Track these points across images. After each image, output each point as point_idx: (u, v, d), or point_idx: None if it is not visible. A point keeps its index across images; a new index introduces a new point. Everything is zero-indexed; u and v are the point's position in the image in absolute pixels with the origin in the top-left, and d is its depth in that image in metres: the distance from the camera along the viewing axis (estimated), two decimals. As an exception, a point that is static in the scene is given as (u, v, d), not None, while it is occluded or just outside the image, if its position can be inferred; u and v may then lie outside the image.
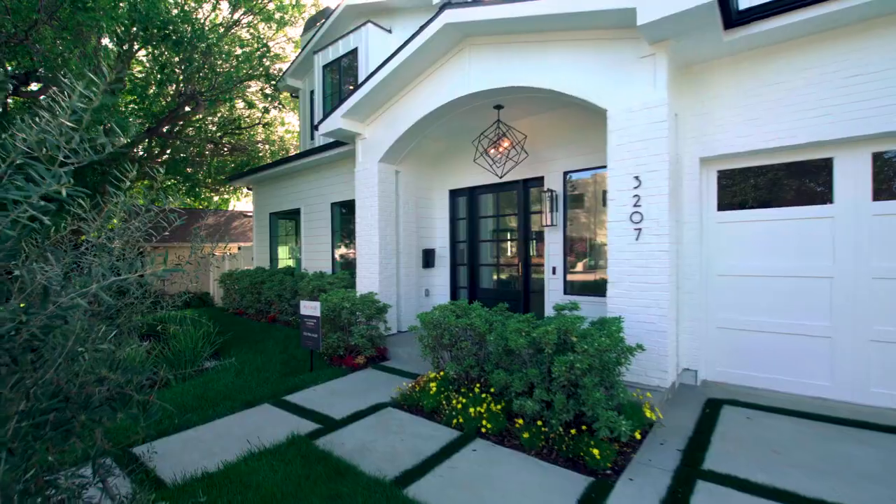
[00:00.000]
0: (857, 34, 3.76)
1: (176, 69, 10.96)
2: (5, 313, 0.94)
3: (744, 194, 4.62)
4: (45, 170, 1.01)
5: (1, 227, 0.92)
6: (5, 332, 0.95)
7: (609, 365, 3.14)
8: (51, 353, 1.10)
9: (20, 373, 1.00)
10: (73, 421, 1.13)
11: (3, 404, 0.94)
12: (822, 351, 4.10)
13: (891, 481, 2.72)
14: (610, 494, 2.68)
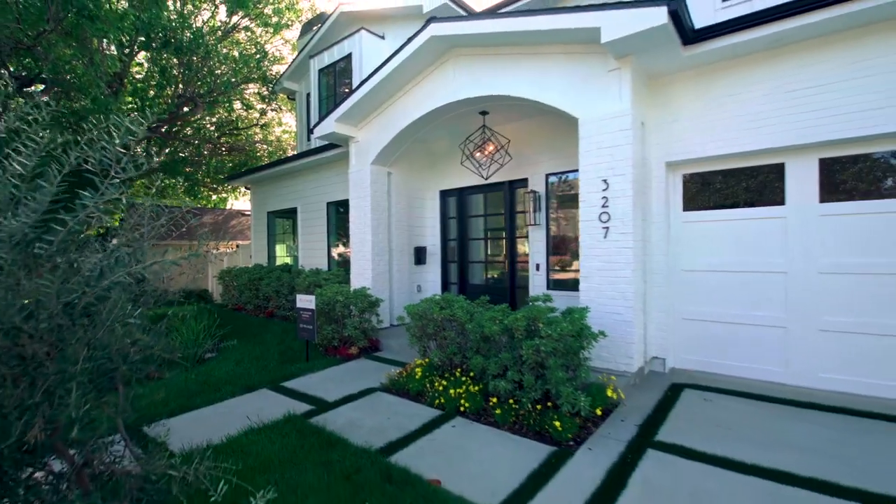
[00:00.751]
0: (804, 52, 4.12)
1: (175, 71, 11.29)
2: (75, 285, 1.28)
3: (707, 196, 5.00)
4: (100, 181, 1.36)
5: (71, 224, 1.26)
6: (74, 298, 1.29)
7: (572, 348, 3.50)
8: (100, 319, 1.45)
9: (81, 331, 1.35)
10: (116, 370, 1.47)
11: (73, 352, 1.28)
12: (777, 340, 4.47)
13: (819, 451, 3.09)
14: (568, 460, 3.04)
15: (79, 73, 5.99)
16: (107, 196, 1.28)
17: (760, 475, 2.81)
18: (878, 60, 3.82)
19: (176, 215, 1.82)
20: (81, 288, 1.30)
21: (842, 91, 3.96)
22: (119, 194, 1.29)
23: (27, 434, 1.36)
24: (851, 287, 4.09)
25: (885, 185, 4.01)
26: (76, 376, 1.28)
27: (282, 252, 11.80)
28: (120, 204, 1.41)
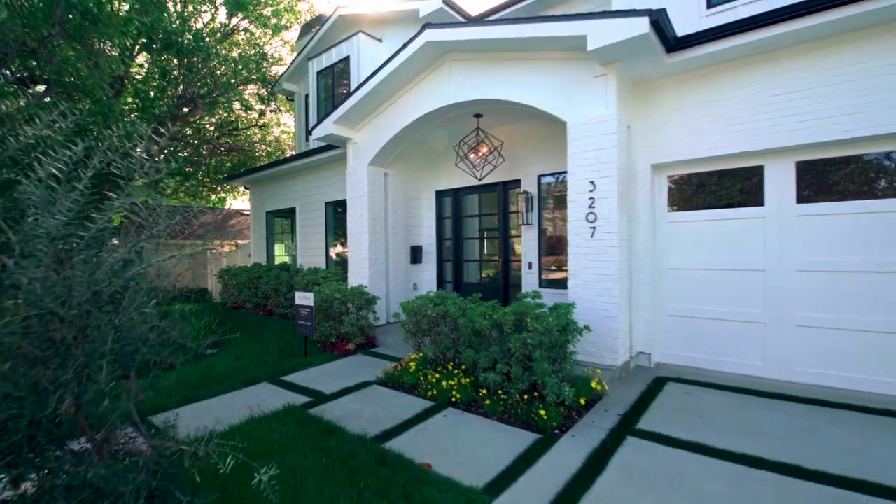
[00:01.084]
0: (781, 59, 4.32)
1: (175, 72, 11.43)
2: (103, 275, 1.46)
3: (691, 197, 5.19)
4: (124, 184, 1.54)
5: (103, 223, 1.44)
6: (102, 287, 1.47)
7: (558, 342, 3.69)
8: (123, 306, 1.63)
9: (107, 316, 1.53)
10: (137, 353, 1.65)
11: (101, 334, 1.46)
12: (757, 335, 4.67)
13: (787, 438, 3.28)
14: (552, 447, 3.23)
15: (83, 75, 6.14)
16: (133, 197, 1.45)
17: (732, 460, 3.00)
18: (849, 68, 4.02)
19: (189, 214, 1.99)
20: (108, 278, 1.47)
21: (817, 97, 4.16)
22: (146, 197, 1.47)
23: (59, 408, 1.54)
24: (826, 285, 4.29)
25: (858, 187, 4.21)
26: (105, 355, 1.46)
27: (280, 251, 11.96)
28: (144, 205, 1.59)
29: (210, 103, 11.57)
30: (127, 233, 1.92)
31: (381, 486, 2.69)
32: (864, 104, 3.93)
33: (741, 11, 5.04)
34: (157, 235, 1.76)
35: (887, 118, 3.84)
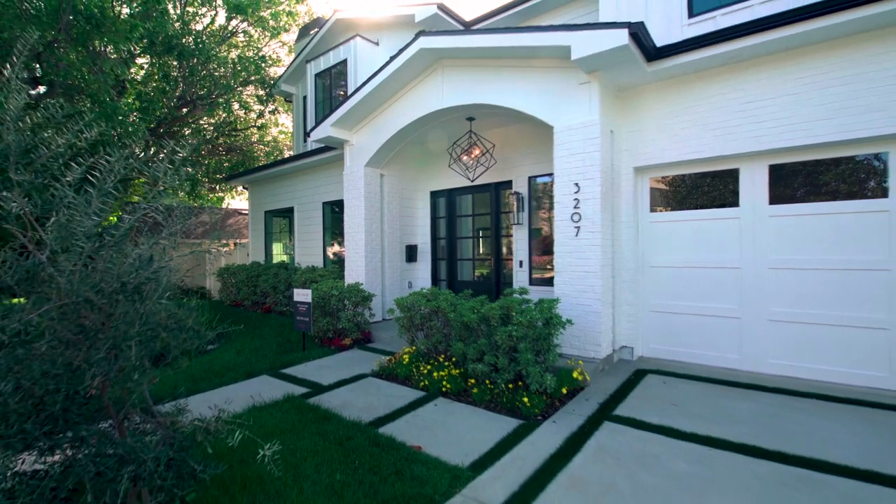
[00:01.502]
0: (754, 68, 4.58)
1: (175, 72, 11.61)
2: (129, 267, 1.69)
3: (672, 198, 5.45)
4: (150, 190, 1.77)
5: (130, 223, 1.67)
6: (129, 279, 1.70)
7: (541, 334, 3.93)
8: (146, 295, 1.86)
9: (134, 303, 1.76)
10: (158, 336, 1.88)
11: (131, 318, 1.69)
12: (732, 329, 4.93)
13: (753, 422, 3.54)
14: (534, 431, 3.47)
15: (89, 79, 6.34)
16: (157, 201, 1.68)
17: (698, 442, 3.25)
18: (817, 77, 4.28)
19: (200, 214, 2.23)
20: (134, 271, 1.71)
21: (786, 104, 4.42)
22: (170, 199, 1.70)
23: (92, 383, 1.77)
24: (796, 281, 4.55)
25: (826, 189, 4.48)
26: (133, 336, 1.69)
27: (278, 250, 12.16)
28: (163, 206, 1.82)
29: (209, 104, 11.76)
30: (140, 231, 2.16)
31: (374, 464, 2.93)
32: (828, 111, 4.19)
33: (720, 21, 5.31)
34: (174, 234, 1.99)
35: (849, 125, 4.11)
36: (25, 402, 1.79)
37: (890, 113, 3.96)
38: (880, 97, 3.99)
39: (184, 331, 2.00)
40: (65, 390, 1.83)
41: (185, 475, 2.09)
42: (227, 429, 2.32)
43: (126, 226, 1.74)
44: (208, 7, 11.60)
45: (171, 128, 13.66)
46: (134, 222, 1.75)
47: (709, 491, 2.62)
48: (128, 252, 1.87)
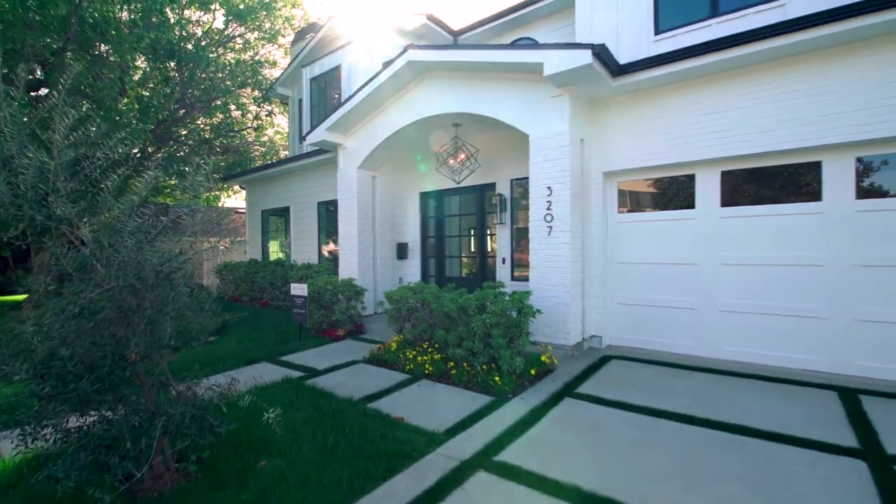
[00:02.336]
0: (707, 84, 5.08)
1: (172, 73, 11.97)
2: (163, 259, 2.15)
3: (638, 200, 5.96)
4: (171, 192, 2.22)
5: (164, 224, 2.13)
6: (162, 269, 2.17)
7: (512, 321, 4.43)
8: (175, 282, 2.32)
9: (166, 288, 2.23)
10: (184, 316, 2.35)
11: (167, 302, 2.15)
12: (690, 319, 5.45)
13: (692, 397, 4.04)
14: (503, 405, 3.96)
15: (97, 85, 6.74)
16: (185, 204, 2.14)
17: (644, 413, 3.75)
18: (760, 94, 4.79)
19: (220, 214, 2.70)
20: (166, 262, 2.17)
21: (736, 117, 4.93)
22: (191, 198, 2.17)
23: (133, 351, 2.23)
24: (745, 276, 5.07)
25: (771, 193, 5.00)
26: (168, 314, 2.15)
27: (275, 248, 12.58)
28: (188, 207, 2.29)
29: (207, 107, 12.15)
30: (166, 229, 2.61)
31: (362, 430, 3.41)
32: (769, 124, 4.71)
33: (682, 39, 5.81)
34: (196, 233, 2.46)
35: (787, 136, 4.63)
36: (79, 366, 2.25)
37: (820, 126, 4.47)
38: (812, 113, 4.50)
39: (203, 311, 2.47)
40: (110, 357, 2.29)
41: (205, 429, 2.56)
42: (237, 393, 2.80)
43: (161, 226, 2.20)
44: (206, 12, 11.98)
45: (168, 129, 14.03)
46: (168, 223, 2.22)
47: (641, 448, 3.12)
48: (159, 247, 2.33)
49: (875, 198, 4.43)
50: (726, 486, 2.64)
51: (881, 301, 4.36)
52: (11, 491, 2.76)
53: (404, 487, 2.68)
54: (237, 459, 3.01)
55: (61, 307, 2.01)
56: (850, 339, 4.50)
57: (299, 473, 2.81)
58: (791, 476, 2.73)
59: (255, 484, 2.71)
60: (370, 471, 2.84)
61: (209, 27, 12.14)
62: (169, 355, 2.69)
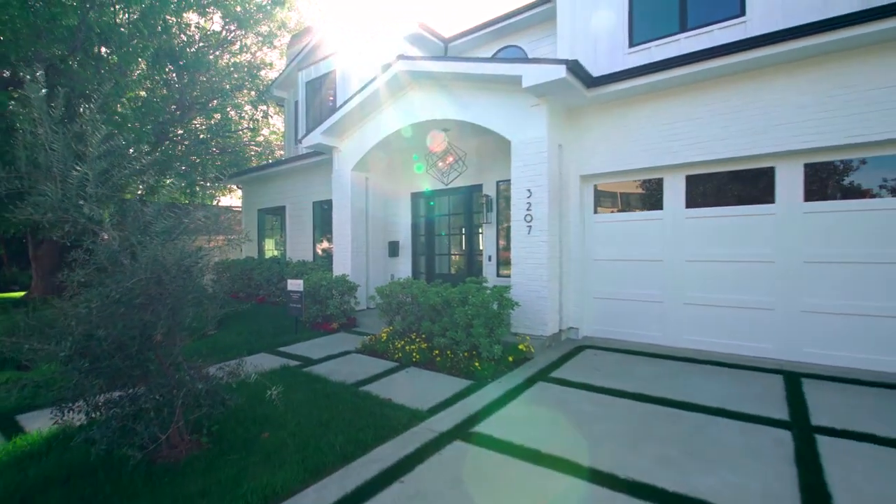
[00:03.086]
0: (672, 96, 5.53)
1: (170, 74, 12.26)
2: (180, 257, 2.55)
3: (613, 201, 6.41)
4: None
5: (185, 225, 2.53)
6: (183, 263, 2.57)
7: (492, 312, 4.86)
8: (193, 274, 2.73)
9: (188, 280, 2.63)
10: (202, 303, 2.75)
11: (187, 291, 2.55)
12: (657, 312, 5.91)
13: (650, 380, 4.49)
14: (482, 388, 4.39)
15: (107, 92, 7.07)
16: (203, 209, 2.54)
17: (606, 393, 4.20)
18: (716, 105, 5.24)
19: (227, 215, 3.10)
20: (186, 257, 2.57)
21: (698, 126, 5.38)
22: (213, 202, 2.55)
23: (158, 333, 2.64)
24: (706, 271, 5.54)
25: (729, 195, 5.46)
26: (188, 302, 2.55)
27: (271, 246, 12.93)
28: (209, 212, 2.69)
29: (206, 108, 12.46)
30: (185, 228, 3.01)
31: (354, 408, 3.83)
32: (725, 133, 5.17)
33: (654, 52, 6.28)
34: (210, 232, 2.86)
35: (741, 144, 5.08)
36: (112, 346, 2.65)
37: (772, 136, 4.93)
38: (765, 123, 4.96)
39: (217, 300, 2.87)
40: (138, 338, 2.69)
41: (217, 402, 2.96)
42: (244, 373, 3.21)
43: (183, 226, 2.60)
44: (203, 18, 12.29)
45: (165, 129, 14.30)
46: (189, 223, 2.62)
47: (597, 420, 3.57)
48: (180, 245, 2.73)
49: (821, 200, 4.91)
50: (665, 448, 3.09)
51: (825, 294, 4.83)
52: (44, 458, 3.15)
53: (390, 452, 3.10)
54: (243, 432, 3.42)
55: (106, 293, 2.41)
56: (798, 328, 4.98)
57: (298, 442, 3.22)
58: (722, 441, 3.19)
59: (260, 450, 3.12)
60: (360, 440, 3.26)
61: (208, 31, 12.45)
62: (187, 338, 3.09)
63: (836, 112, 4.61)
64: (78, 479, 2.79)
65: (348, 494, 2.60)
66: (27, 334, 2.75)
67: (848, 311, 4.71)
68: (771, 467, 2.83)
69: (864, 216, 4.63)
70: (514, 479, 2.75)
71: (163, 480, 2.75)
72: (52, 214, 2.41)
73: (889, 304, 4.50)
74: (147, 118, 9.62)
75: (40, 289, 12.41)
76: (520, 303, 5.23)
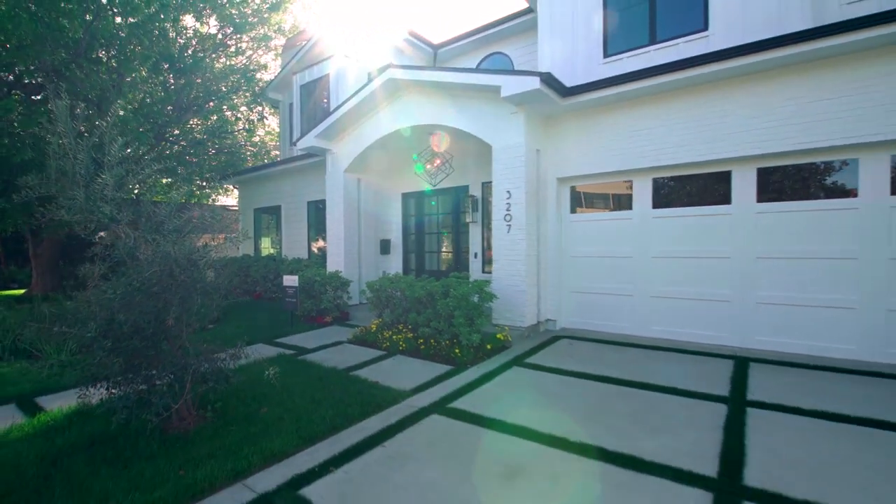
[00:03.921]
0: (640, 105, 5.98)
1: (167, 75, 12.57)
2: (188, 252, 2.95)
3: (588, 202, 6.86)
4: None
5: (193, 223, 2.93)
6: (192, 257, 2.97)
7: (471, 304, 5.29)
8: (199, 267, 3.13)
9: (196, 273, 3.03)
10: (210, 292, 3.16)
11: (196, 281, 2.95)
12: (627, 304, 6.37)
13: (615, 365, 4.94)
14: (461, 372, 4.83)
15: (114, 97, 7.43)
16: (210, 210, 2.91)
17: (573, 375, 4.64)
18: (679, 114, 5.70)
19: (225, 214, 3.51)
20: (194, 252, 2.97)
21: (663, 133, 5.83)
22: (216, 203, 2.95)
23: (170, 317, 3.04)
24: (671, 267, 6.00)
25: (691, 196, 5.93)
26: (198, 290, 2.96)
27: (266, 244, 13.29)
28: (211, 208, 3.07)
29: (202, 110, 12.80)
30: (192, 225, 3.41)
31: (344, 389, 4.25)
32: (687, 140, 5.63)
33: (626, 63, 6.73)
34: (214, 230, 3.26)
35: (704, 150, 5.54)
36: (130, 329, 3.05)
37: (727, 143, 5.39)
38: (721, 131, 5.42)
39: (221, 289, 3.28)
40: (153, 322, 3.09)
41: (221, 378, 3.37)
42: (244, 354, 3.62)
43: (191, 225, 3.00)
44: (201, 24, 12.61)
45: (162, 130, 14.59)
46: (198, 221, 3.02)
47: (561, 398, 4.01)
48: (188, 241, 3.14)
49: (772, 201, 5.37)
50: (616, 419, 3.53)
51: (775, 287, 5.30)
52: (67, 430, 3.54)
53: (374, 424, 3.53)
54: (244, 408, 3.83)
55: (128, 282, 2.81)
56: (751, 318, 5.45)
57: (293, 416, 3.64)
58: (667, 413, 3.64)
59: (259, 422, 3.53)
60: (349, 414, 3.68)
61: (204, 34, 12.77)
62: (194, 323, 3.50)
63: (784, 121, 5.08)
64: (100, 445, 3.19)
65: (336, 455, 3.02)
66: (52, 321, 3.15)
67: (794, 302, 5.19)
68: (703, 433, 3.28)
69: (807, 216, 5.11)
70: (480, 443, 3.18)
71: (175, 446, 3.16)
72: (80, 215, 2.81)
73: (829, 296, 4.98)
74: (147, 121, 9.96)
75: (40, 286, 12.71)
76: (499, 296, 5.67)
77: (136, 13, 7.22)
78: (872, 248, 4.81)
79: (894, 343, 4.76)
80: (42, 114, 7.30)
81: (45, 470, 2.90)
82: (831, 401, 3.77)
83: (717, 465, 2.82)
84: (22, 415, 4.00)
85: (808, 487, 2.53)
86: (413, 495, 2.54)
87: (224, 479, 2.75)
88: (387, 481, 2.70)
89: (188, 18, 12.87)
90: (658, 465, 2.83)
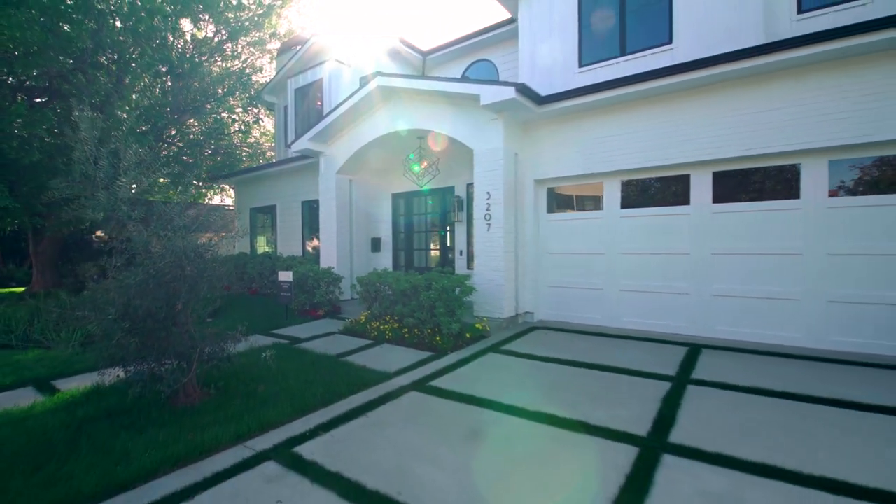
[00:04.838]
0: (609, 113, 6.48)
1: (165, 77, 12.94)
2: (195, 246, 3.40)
3: (563, 202, 7.35)
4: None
5: (199, 220, 3.37)
6: (199, 250, 3.42)
7: (452, 297, 5.76)
8: (206, 259, 3.58)
9: (202, 264, 3.48)
10: (217, 284, 3.60)
11: (203, 271, 3.40)
12: (599, 298, 6.86)
13: (584, 351, 5.42)
14: (441, 358, 5.30)
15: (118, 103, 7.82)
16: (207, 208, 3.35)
17: (544, 360, 5.12)
18: (642, 121, 6.20)
19: (228, 214, 3.96)
20: (202, 245, 3.42)
21: (627, 139, 6.33)
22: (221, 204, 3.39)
23: (181, 302, 3.49)
24: (636, 263, 6.50)
25: (656, 198, 6.43)
26: (205, 279, 3.41)
27: (262, 242, 13.69)
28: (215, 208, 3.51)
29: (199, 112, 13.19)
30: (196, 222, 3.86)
31: (333, 371, 4.71)
32: (650, 146, 6.13)
33: (599, 73, 7.22)
34: (217, 228, 3.71)
35: (663, 155, 6.04)
36: (145, 313, 3.50)
37: (683, 148, 5.90)
38: (677, 138, 5.92)
39: (224, 279, 3.73)
40: (164, 307, 3.54)
41: (224, 358, 3.82)
42: (243, 338, 4.07)
43: (198, 223, 3.45)
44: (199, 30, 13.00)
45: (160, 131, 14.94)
46: (202, 218, 3.46)
47: (529, 378, 4.50)
48: (193, 236, 3.59)
49: (726, 202, 5.88)
50: (572, 395, 4.02)
51: (729, 280, 5.81)
52: (85, 405, 3.98)
53: (360, 398, 3.99)
54: (243, 387, 4.27)
55: (146, 271, 3.25)
56: (709, 309, 5.96)
57: (287, 393, 4.10)
58: (617, 390, 4.13)
59: (258, 398, 3.98)
60: (338, 391, 4.14)
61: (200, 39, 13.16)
62: (200, 310, 3.94)
63: (735, 129, 5.58)
64: (117, 416, 3.63)
65: (325, 422, 3.48)
66: (73, 308, 3.59)
67: (747, 294, 5.70)
68: (644, 405, 3.77)
69: (757, 215, 5.62)
70: (451, 413, 3.66)
71: (183, 416, 3.60)
72: (103, 213, 3.25)
73: (777, 289, 5.50)
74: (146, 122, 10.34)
75: (41, 283, 13.03)
76: (479, 289, 6.15)
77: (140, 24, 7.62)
78: (814, 244, 5.33)
79: (834, 331, 5.28)
80: (47, 118, 7.69)
81: (71, 435, 3.34)
82: (766, 380, 4.27)
83: (649, 427, 3.31)
84: (41, 395, 4.43)
85: (723, 443, 3.02)
86: (390, 451, 3.01)
87: (227, 441, 3.20)
88: (368, 442, 3.17)
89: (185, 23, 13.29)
90: (601, 427, 3.32)
